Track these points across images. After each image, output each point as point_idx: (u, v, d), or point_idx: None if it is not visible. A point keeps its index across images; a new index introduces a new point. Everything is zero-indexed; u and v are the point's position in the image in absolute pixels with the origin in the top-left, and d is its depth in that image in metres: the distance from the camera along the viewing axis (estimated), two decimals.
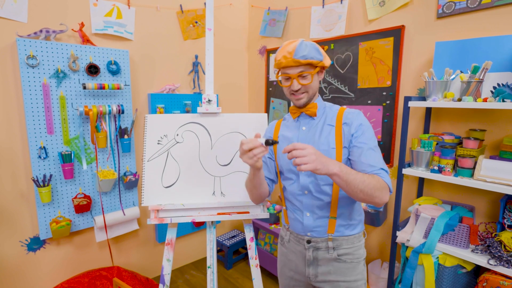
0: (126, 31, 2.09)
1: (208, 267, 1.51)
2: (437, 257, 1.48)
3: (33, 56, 1.70)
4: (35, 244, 1.90)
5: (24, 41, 1.68)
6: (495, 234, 1.40)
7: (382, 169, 1.01)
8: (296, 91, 1.08)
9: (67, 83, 1.84)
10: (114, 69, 1.98)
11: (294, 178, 1.13)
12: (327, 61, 1.10)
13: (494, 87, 1.32)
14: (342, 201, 1.09)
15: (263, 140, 0.96)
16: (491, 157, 1.42)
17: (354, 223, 1.13)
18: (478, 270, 1.51)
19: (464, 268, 1.44)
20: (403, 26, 1.78)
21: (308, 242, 1.13)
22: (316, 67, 1.07)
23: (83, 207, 1.94)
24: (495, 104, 1.26)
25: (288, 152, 0.90)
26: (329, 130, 1.09)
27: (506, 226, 1.37)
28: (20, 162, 1.79)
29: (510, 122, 1.47)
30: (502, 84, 1.29)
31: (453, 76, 1.47)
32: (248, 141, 0.96)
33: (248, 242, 1.53)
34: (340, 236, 1.10)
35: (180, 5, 2.33)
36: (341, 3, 2.07)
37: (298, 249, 1.16)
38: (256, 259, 1.51)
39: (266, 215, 1.51)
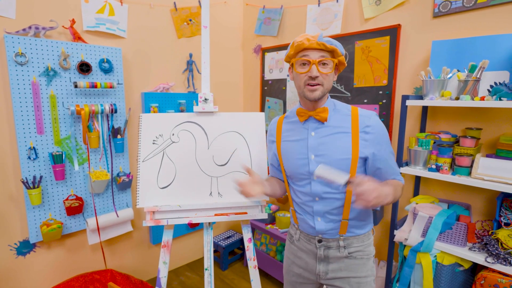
0: (118, 28, 2.04)
1: (206, 269, 1.48)
2: (435, 256, 1.48)
3: (21, 53, 1.65)
4: (25, 248, 1.83)
5: (12, 38, 1.62)
6: (492, 232, 1.40)
7: (399, 172, 1.09)
8: (314, 79, 0.98)
9: (57, 81, 1.79)
10: (107, 68, 1.93)
11: (305, 184, 1.09)
12: (345, 62, 1.05)
13: (491, 86, 1.33)
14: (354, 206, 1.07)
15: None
16: (488, 156, 1.43)
17: (365, 223, 1.11)
18: (475, 268, 1.52)
19: (462, 266, 1.45)
20: (399, 25, 1.78)
21: (319, 241, 1.11)
22: (337, 59, 1.00)
23: (75, 209, 1.89)
24: (492, 103, 1.27)
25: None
26: (344, 138, 1.02)
27: (502, 224, 1.38)
28: (9, 163, 1.73)
29: (506, 120, 1.48)
30: (499, 83, 1.29)
31: (450, 75, 1.48)
32: (244, 184, 1.06)
33: (246, 243, 1.50)
34: (351, 236, 1.09)
35: (174, 3, 2.29)
36: (337, 1, 2.07)
37: (309, 248, 1.14)
38: (254, 260, 1.49)
39: (264, 215, 1.48)
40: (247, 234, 1.51)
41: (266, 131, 1.31)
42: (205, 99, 1.53)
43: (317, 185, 1.06)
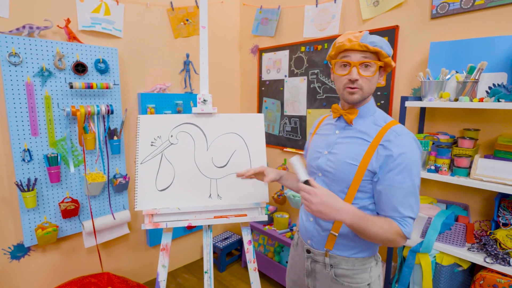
0: (114, 28, 2.01)
1: (205, 272, 1.47)
2: (434, 256, 1.49)
3: (15, 53, 1.61)
4: (19, 251, 1.80)
5: (6, 37, 1.58)
6: (490, 232, 1.42)
7: (409, 217, 0.89)
8: (353, 82, 0.92)
9: (52, 82, 1.75)
10: (103, 68, 1.90)
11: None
12: (393, 63, 0.96)
13: (490, 87, 1.34)
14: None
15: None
16: (486, 156, 1.44)
17: (359, 246, 0.99)
18: (474, 268, 1.54)
19: (461, 266, 1.46)
20: (397, 26, 1.79)
21: (308, 251, 1.07)
22: (382, 61, 0.93)
23: (71, 211, 1.85)
24: (491, 104, 1.28)
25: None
26: (361, 145, 0.96)
27: (500, 224, 1.39)
28: (2, 165, 1.69)
29: (503, 121, 1.49)
30: (498, 84, 1.30)
31: (449, 76, 1.49)
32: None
33: (246, 245, 1.49)
34: (338, 254, 1.00)
35: (171, 2, 2.27)
36: (335, 2, 2.07)
37: (303, 256, 1.11)
38: (254, 262, 1.48)
39: (264, 217, 1.48)
40: (246, 236, 1.50)
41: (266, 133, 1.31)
42: (204, 100, 1.52)
43: (320, 183, 1.03)
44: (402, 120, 1.57)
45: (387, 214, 0.92)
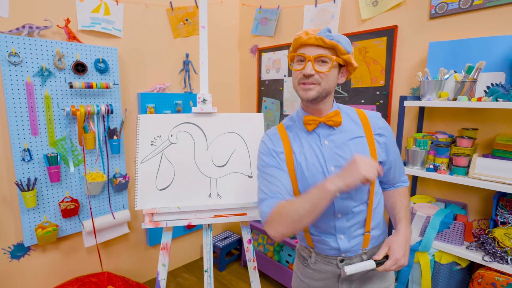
0: (114, 28, 2.02)
1: (205, 271, 1.47)
2: (433, 255, 1.49)
3: (15, 53, 1.61)
4: (19, 251, 1.80)
5: (6, 37, 1.58)
6: (489, 231, 1.42)
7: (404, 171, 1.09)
8: (308, 77, 0.87)
9: (52, 81, 1.75)
10: (102, 68, 1.91)
11: None
12: (354, 62, 0.92)
13: (488, 87, 1.35)
14: (375, 212, 1.00)
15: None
16: (484, 155, 1.45)
17: (383, 229, 1.06)
18: (472, 267, 1.54)
19: (459, 265, 1.46)
20: (396, 26, 1.80)
21: (342, 261, 1.00)
22: (340, 58, 0.89)
23: (71, 211, 1.86)
24: (489, 104, 1.28)
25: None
26: (361, 144, 0.94)
27: (499, 223, 1.40)
28: (2, 165, 1.70)
29: (501, 121, 1.50)
30: (496, 84, 1.31)
31: (447, 75, 1.49)
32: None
33: (246, 244, 1.50)
34: (373, 247, 1.02)
35: (170, 2, 2.27)
36: (334, 2, 2.07)
37: (328, 269, 1.02)
38: (254, 261, 1.49)
39: None
40: (246, 235, 1.50)
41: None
42: (204, 100, 1.52)
43: (340, 201, 0.94)
44: (401, 119, 1.58)
45: (397, 182, 1.07)
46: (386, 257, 0.90)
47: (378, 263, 0.89)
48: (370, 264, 0.88)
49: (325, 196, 0.80)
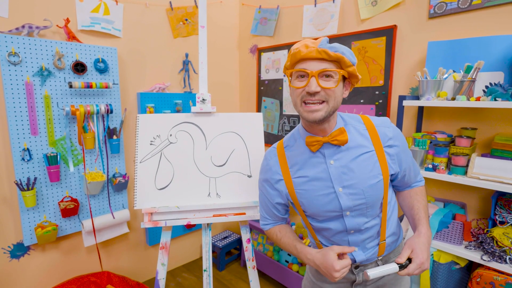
0: (114, 28, 2.02)
1: (204, 271, 1.47)
2: (432, 254, 1.50)
3: (15, 53, 1.62)
4: (19, 250, 1.80)
5: (5, 37, 1.59)
6: (487, 230, 1.43)
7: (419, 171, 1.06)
8: (313, 95, 0.79)
9: (52, 81, 1.76)
10: (102, 67, 1.91)
11: (335, 220, 0.93)
12: (358, 74, 0.85)
13: (487, 86, 1.35)
14: (389, 222, 0.98)
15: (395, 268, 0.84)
16: (483, 155, 1.45)
17: (399, 234, 1.04)
18: (471, 266, 1.55)
19: (458, 264, 1.47)
20: (395, 25, 1.80)
21: (356, 267, 0.99)
22: (346, 70, 0.81)
23: (70, 211, 1.86)
24: (488, 103, 1.29)
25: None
26: (370, 159, 0.88)
27: (497, 222, 1.40)
28: (2, 164, 1.70)
29: (500, 120, 1.50)
30: (494, 84, 1.31)
31: (446, 75, 1.50)
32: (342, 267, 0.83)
33: (245, 244, 1.50)
34: (388, 253, 1.01)
35: (170, 2, 2.27)
36: (334, 2, 2.07)
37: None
38: (253, 260, 1.49)
39: None
40: (245, 235, 1.51)
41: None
42: (203, 99, 1.53)
43: (351, 219, 0.91)
44: (400, 119, 1.58)
45: (412, 183, 1.02)
46: (409, 260, 0.86)
47: (401, 267, 0.84)
48: (393, 268, 0.84)
49: (302, 257, 0.93)
